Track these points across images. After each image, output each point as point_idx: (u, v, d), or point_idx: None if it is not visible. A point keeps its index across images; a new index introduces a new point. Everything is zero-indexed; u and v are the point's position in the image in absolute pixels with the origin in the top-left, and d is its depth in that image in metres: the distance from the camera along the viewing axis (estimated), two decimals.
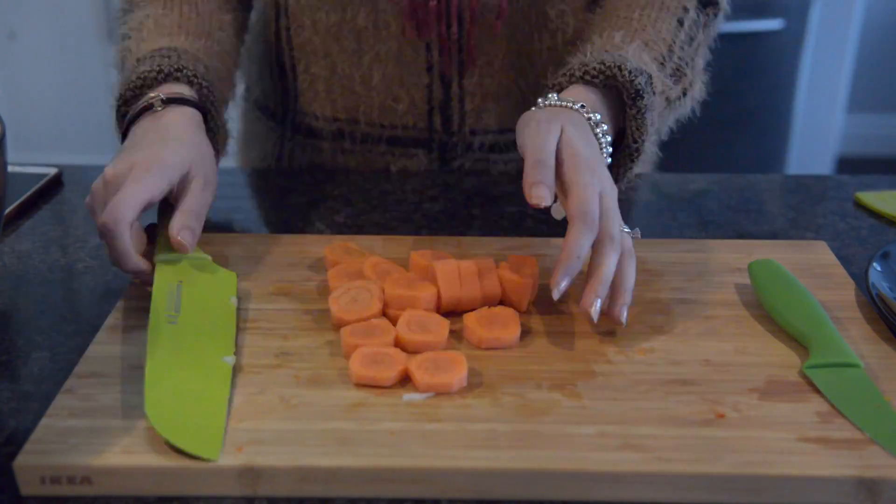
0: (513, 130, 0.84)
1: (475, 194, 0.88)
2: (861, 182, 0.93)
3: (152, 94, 0.73)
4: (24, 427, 0.55)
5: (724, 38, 0.95)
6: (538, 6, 0.85)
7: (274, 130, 0.99)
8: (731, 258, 0.74)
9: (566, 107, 0.69)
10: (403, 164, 0.93)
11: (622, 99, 0.72)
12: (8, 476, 0.51)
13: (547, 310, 0.66)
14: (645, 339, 0.63)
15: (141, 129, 0.71)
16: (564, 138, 0.65)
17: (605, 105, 0.72)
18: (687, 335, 0.63)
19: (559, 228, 0.82)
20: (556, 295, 0.60)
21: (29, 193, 0.86)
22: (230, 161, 1.10)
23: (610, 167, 0.70)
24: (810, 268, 0.72)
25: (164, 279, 0.65)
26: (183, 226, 0.66)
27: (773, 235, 0.82)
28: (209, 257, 0.68)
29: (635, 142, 0.72)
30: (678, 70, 0.78)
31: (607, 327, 0.64)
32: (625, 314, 0.62)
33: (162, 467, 0.50)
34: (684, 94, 0.80)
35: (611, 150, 0.70)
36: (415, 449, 0.52)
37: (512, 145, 0.91)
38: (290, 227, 0.83)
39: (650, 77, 0.73)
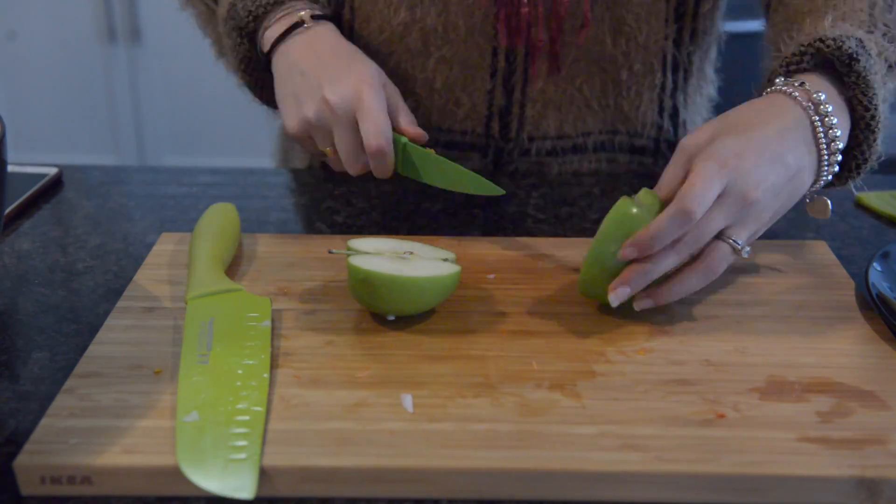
0: (570, 136, 0.87)
1: (475, 194, 0.88)
2: (861, 182, 0.93)
3: (300, 13, 0.78)
4: (24, 427, 0.55)
5: (725, 38, 0.95)
6: (615, 11, 0.84)
7: None
8: None
9: (785, 93, 0.64)
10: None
11: (838, 74, 0.67)
12: (8, 476, 0.51)
13: (547, 310, 0.66)
14: (645, 339, 0.63)
15: (306, 45, 0.76)
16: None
17: (825, 88, 0.66)
18: (687, 335, 0.63)
19: (559, 228, 0.82)
20: (613, 300, 0.61)
21: (29, 193, 0.86)
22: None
23: (847, 157, 0.67)
24: (810, 268, 0.72)
25: (196, 318, 0.63)
26: (410, 121, 0.74)
27: (773, 235, 0.82)
28: (243, 287, 0.67)
29: (867, 110, 0.66)
30: (887, 34, 0.71)
31: (607, 327, 0.64)
32: (643, 305, 0.63)
33: (162, 467, 0.50)
34: None
35: (840, 145, 0.65)
36: (415, 449, 0.52)
37: (569, 149, 0.91)
38: (290, 227, 0.83)
39: (860, 40, 0.67)
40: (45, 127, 2.68)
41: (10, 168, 0.76)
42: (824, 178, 0.67)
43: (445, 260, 0.66)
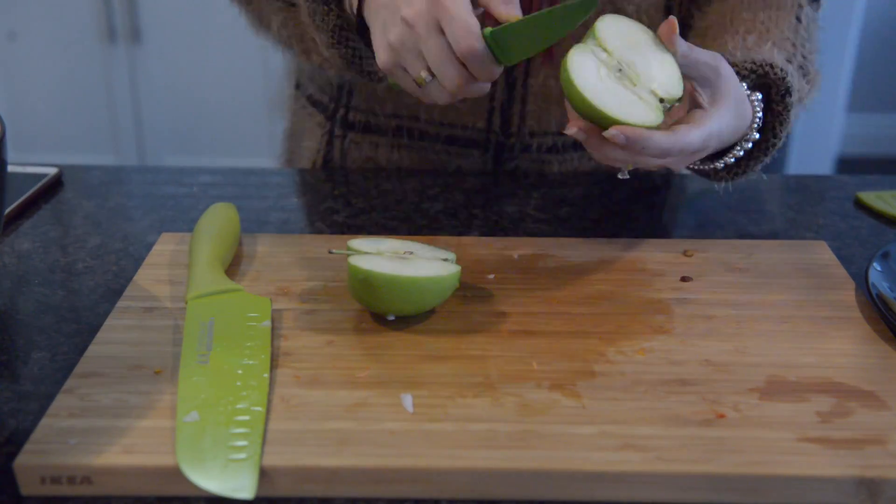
0: None
1: (475, 194, 0.88)
2: (861, 182, 0.93)
3: None
4: (24, 427, 0.55)
5: None
6: (615, 3, 0.84)
7: (322, 126, 0.97)
8: (731, 258, 0.74)
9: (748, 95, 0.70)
10: (458, 163, 0.92)
11: (769, 96, 0.72)
12: (8, 476, 0.51)
13: (547, 310, 0.66)
14: (645, 339, 0.63)
15: None
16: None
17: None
18: (687, 335, 0.63)
19: (559, 228, 0.82)
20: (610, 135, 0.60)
21: (29, 193, 0.86)
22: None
23: (739, 160, 0.72)
24: (810, 268, 0.72)
25: (196, 318, 0.63)
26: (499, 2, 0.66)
27: (773, 235, 0.82)
28: (243, 287, 0.67)
29: (775, 136, 0.72)
30: (803, 68, 0.78)
31: (607, 327, 0.64)
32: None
33: (162, 467, 0.50)
34: (809, 91, 0.79)
35: (756, 135, 0.71)
36: (415, 449, 0.52)
37: (570, 146, 0.91)
38: (290, 227, 0.83)
39: (792, 75, 0.73)
40: (45, 127, 2.68)
41: (10, 168, 0.76)
42: (724, 159, 0.72)
43: (445, 260, 0.66)
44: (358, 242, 0.66)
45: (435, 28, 0.66)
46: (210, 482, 0.49)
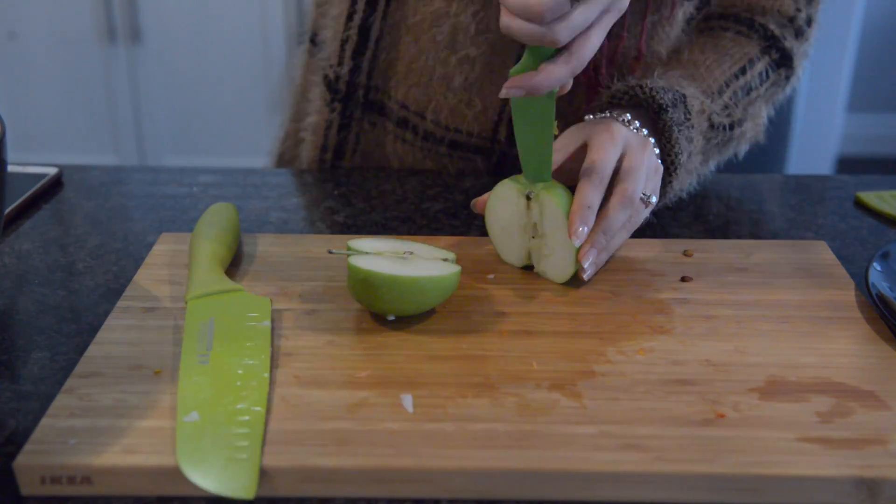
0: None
1: (475, 194, 0.88)
2: (861, 182, 0.93)
3: None
4: (24, 427, 0.55)
5: None
6: (651, 46, 0.85)
7: (329, 105, 0.95)
8: (731, 258, 0.74)
9: (614, 117, 0.73)
10: (460, 166, 0.92)
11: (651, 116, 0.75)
12: (8, 476, 0.51)
13: (547, 310, 0.66)
14: (645, 339, 0.63)
15: None
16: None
17: (636, 117, 0.74)
18: (687, 335, 0.63)
19: None
20: (575, 240, 0.65)
21: (29, 193, 0.86)
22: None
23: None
24: (810, 268, 0.72)
25: (196, 318, 0.63)
26: None
27: (773, 235, 0.82)
28: (243, 287, 0.67)
29: (668, 155, 0.75)
30: (727, 107, 0.81)
31: (607, 327, 0.64)
32: (588, 259, 0.66)
33: (162, 467, 0.50)
34: (733, 126, 0.82)
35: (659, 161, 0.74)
36: (415, 449, 0.52)
37: None
38: (290, 227, 0.83)
39: (683, 96, 0.76)
40: (45, 127, 2.68)
41: (10, 168, 0.76)
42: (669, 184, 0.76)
43: (445, 260, 0.66)
44: (358, 242, 0.66)
45: None
46: (210, 482, 0.49)
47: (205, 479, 0.49)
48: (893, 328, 0.64)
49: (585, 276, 0.67)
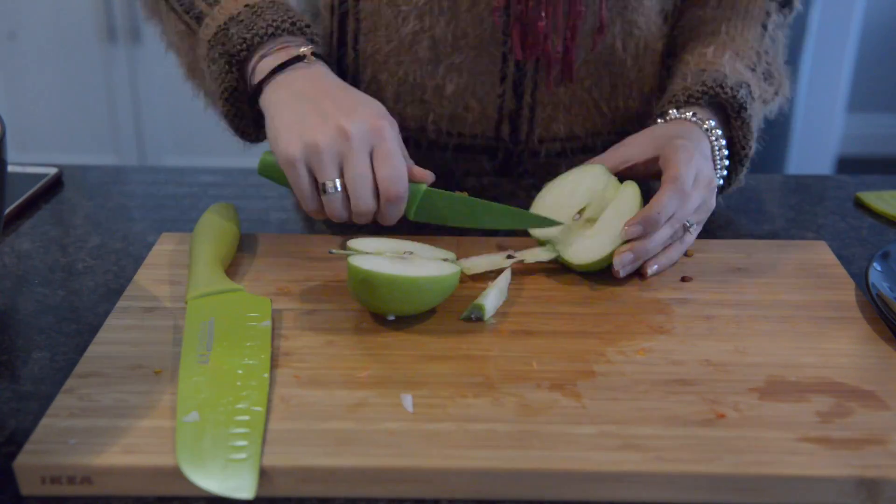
0: (580, 137, 0.89)
1: (476, 195, 0.88)
2: (861, 182, 0.93)
3: (302, 49, 0.75)
4: (24, 427, 0.55)
5: None
6: (625, 15, 0.85)
7: None
8: (731, 258, 0.74)
9: (687, 119, 0.76)
10: (466, 167, 0.92)
11: (726, 112, 0.79)
12: (8, 476, 0.51)
13: (547, 310, 0.66)
14: (645, 339, 0.63)
15: (309, 79, 0.73)
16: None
17: (713, 117, 0.78)
18: (687, 335, 0.63)
19: None
20: (623, 235, 0.68)
21: (29, 193, 0.86)
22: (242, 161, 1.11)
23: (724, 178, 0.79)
24: (810, 268, 0.72)
25: (196, 318, 0.63)
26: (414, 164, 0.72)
27: (773, 235, 0.82)
28: (243, 287, 0.67)
29: (743, 148, 0.78)
30: (768, 73, 0.84)
31: (607, 327, 0.64)
32: (653, 270, 0.70)
33: (162, 467, 0.50)
34: (776, 94, 0.85)
35: (727, 162, 0.77)
36: (415, 449, 0.52)
37: (578, 150, 0.91)
38: (290, 227, 0.83)
39: (749, 85, 0.79)
40: (45, 127, 2.68)
41: (10, 168, 0.76)
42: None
43: (445, 260, 0.66)
44: (358, 242, 0.66)
45: (368, 153, 0.68)
46: (210, 482, 0.49)
47: (205, 479, 0.49)
48: (893, 328, 0.64)
49: (622, 273, 0.69)
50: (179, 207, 0.86)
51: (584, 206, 0.72)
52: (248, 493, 0.49)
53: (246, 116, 0.79)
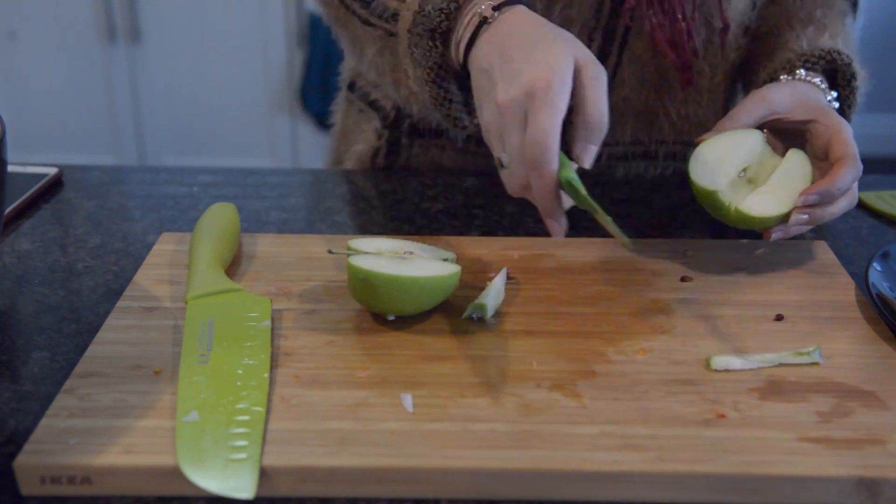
0: (643, 142, 0.88)
1: (475, 194, 0.88)
2: (861, 182, 0.93)
3: (481, 8, 0.69)
4: (24, 427, 0.55)
5: None
6: (711, 23, 0.85)
7: (378, 130, 0.95)
8: (731, 258, 0.74)
9: (817, 85, 0.77)
10: None
11: (833, 81, 0.79)
12: (8, 476, 0.51)
13: (547, 310, 0.66)
14: (645, 339, 0.63)
15: (491, 42, 0.67)
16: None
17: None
18: (687, 335, 0.63)
19: None
20: (800, 203, 0.68)
21: (29, 193, 0.86)
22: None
23: None
24: (810, 268, 0.72)
25: (196, 318, 0.63)
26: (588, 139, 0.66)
27: None
28: (243, 287, 0.67)
29: (847, 119, 0.78)
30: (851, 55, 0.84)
31: (607, 327, 0.64)
32: (795, 222, 0.69)
33: (162, 467, 0.50)
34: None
35: None
36: (415, 449, 0.52)
37: (639, 155, 0.90)
38: (290, 227, 0.83)
39: (850, 57, 0.80)
40: (45, 127, 2.68)
41: (10, 168, 0.76)
42: None
43: (445, 260, 0.66)
44: (358, 242, 0.66)
45: (518, 121, 0.63)
46: (210, 482, 0.49)
47: (205, 479, 0.49)
48: (893, 328, 0.64)
49: (774, 236, 0.70)
50: (179, 207, 0.86)
51: (745, 167, 0.72)
52: (248, 493, 0.49)
53: (455, 99, 0.75)
